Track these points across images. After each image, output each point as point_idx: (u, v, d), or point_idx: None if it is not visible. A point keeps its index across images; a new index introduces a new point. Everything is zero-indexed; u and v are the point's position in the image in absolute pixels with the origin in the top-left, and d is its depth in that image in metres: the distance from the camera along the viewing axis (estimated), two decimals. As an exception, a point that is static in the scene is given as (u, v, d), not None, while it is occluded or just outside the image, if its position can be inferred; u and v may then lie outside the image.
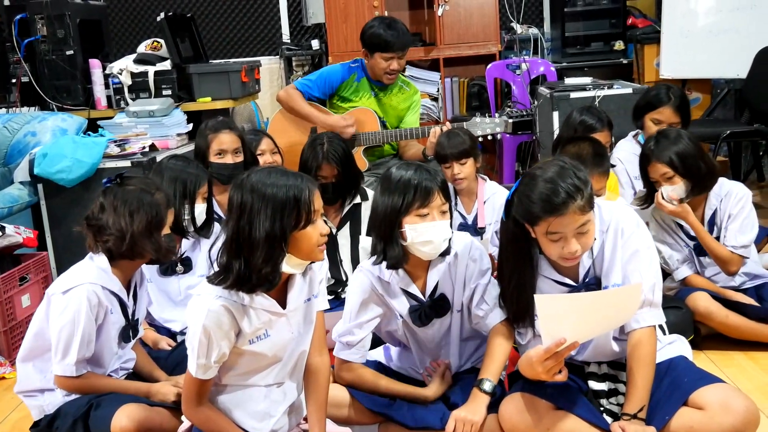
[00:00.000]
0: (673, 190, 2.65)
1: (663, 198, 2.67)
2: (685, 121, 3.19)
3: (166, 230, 2.20)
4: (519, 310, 2.03)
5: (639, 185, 3.17)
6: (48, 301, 2.13)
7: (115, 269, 2.15)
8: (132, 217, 2.10)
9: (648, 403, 1.91)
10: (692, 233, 2.76)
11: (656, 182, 2.69)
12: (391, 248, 2.03)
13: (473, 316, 2.16)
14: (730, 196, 2.73)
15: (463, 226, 3.02)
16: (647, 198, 2.79)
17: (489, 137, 3.58)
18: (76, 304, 2.05)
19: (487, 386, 2.02)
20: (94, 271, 2.11)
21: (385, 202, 2.03)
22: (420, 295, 2.13)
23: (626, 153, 3.25)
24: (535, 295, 1.82)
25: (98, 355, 2.15)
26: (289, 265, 1.80)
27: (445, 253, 2.10)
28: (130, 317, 2.22)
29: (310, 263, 1.89)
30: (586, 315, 1.82)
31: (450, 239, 2.09)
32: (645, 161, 2.71)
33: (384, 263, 2.07)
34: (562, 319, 1.80)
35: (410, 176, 2.01)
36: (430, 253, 2.05)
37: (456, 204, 3.06)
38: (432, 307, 2.13)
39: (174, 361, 2.39)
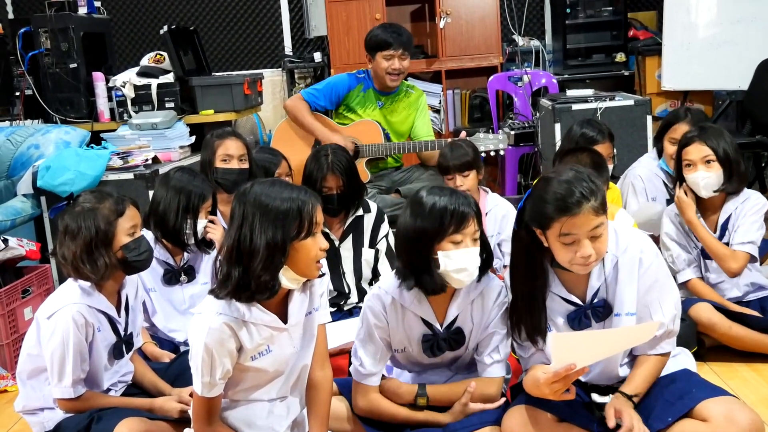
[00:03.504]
0: (708, 176, 2.65)
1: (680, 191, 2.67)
2: None
3: (137, 232, 2.16)
4: (532, 325, 1.98)
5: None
6: (37, 324, 2.13)
7: (99, 287, 2.14)
8: (73, 241, 2.08)
9: (642, 394, 1.95)
10: None
11: (691, 166, 2.68)
12: (427, 277, 1.95)
13: (478, 361, 2.11)
14: (748, 201, 2.74)
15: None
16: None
17: (492, 153, 3.59)
18: (63, 327, 2.04)
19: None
20: (77, 291, 2.10)
21: (418, 227, 1.94)
22: (437, 325, 2.07)
23: (646, 171, 3.22)
24: (549, 333, 1.81)
25: (92, 374, 2.15)
26: (286, 278, 1.79)
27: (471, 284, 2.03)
28: (122, 333, 2.21)
29: (307, 280, 1.88)
30: (599, 347, 1.83)
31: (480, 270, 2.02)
32: (685, 144, 2.71)
33: (404, 287, 2.00)
34: (575, 352, 1.80)
35: (446, 202, 1.93)
36: (463, 281, 1.97)
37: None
38: (446, 340, 2.07)
39: (174, 372, 2.38)
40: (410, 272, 1.98)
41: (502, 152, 3.69)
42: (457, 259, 1.93)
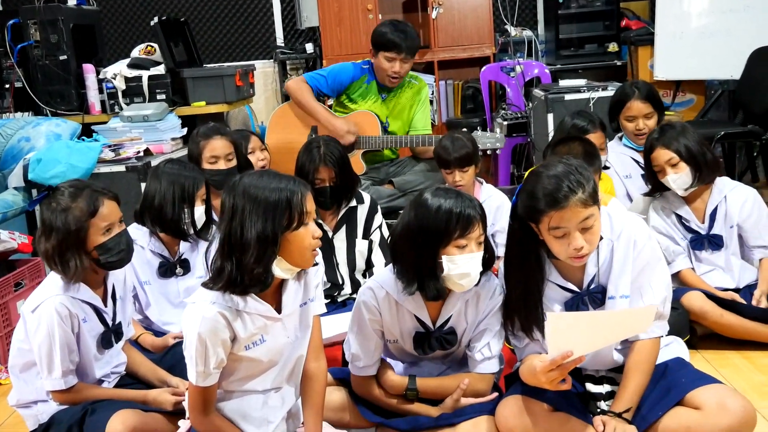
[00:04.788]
0: (678, 177, 2.68)
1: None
2: (657, 108, 3.23)
3: (114, 228, 2.12)
4: (527, 318, 1.98)
5: (629, 183, 3.22)
6: (23, 318, 2.12)
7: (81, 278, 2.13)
8: (47, 239, 2.07)
9: (635, 406, 1.93)
10: (692, 225, 2.79)
11: (660, 171, 2.73)
12: (431, 282, 1.94)
13: (469, 357, 2.10)
14: (737, 195, 2.76)
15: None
16: (652, 192, 2.85)
17: (488, 152, 3.58)
18: (47, 320, 2.04)
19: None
20: (59, 283, 2.10)
21: (423, 231, 1.91)
22: (430, 324, 2.06)
23: (614, 154, 3.28)
24: (546, 312, 1.81)
25: (82, 364, 2.15)
26: (280, 268, 1.79)
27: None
28: (110, 322, 2.20)
29: (302, 270, 1.88)
30: (596, 331, 1.82)
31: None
32: (649, 150, 2.75)
33: (405, 291, 1.98)
34: (572, 335, 1.79)
35: (451, 205, 1.90)
36: (465, 287, 1.96)
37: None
38: (438, 339, 2.07)
39: (168, 363, 2.37)
40: (413, 277, 1.96)
41: (498, 151, 3.68)
42: (461, 264, 1.91)
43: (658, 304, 1.97)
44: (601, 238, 1.96)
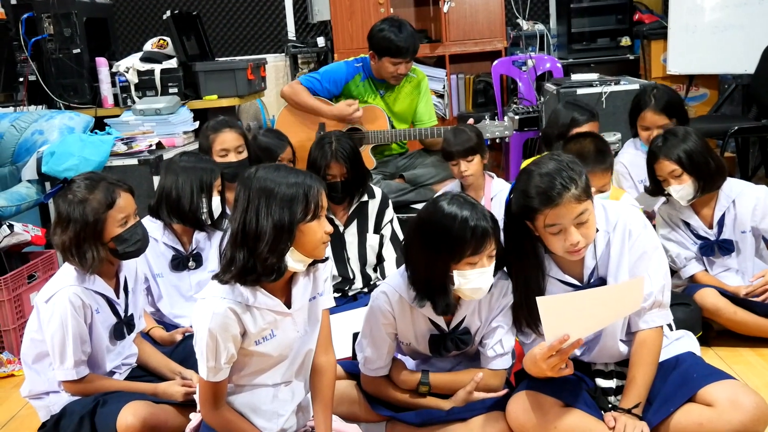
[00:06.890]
0: (681, 188, 2.64)
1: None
2: (676, 117, 3.06)
3: (130, 221, 2.14)
4: (531, 314, 1.97)
5: (642, 189, 3.16)
6: (37, 309, 2.14)
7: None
8: (63, 231, 2.08)
9: (644, 400, 1.93)
10: (699, 232, 2.76)
11: (664, 180, 2.68)
12: (442, 298, 1.95)
13: (482, 354, 2.11)
14: (747, 199, 2.70)
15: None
16: (656, 194, 2.79)
17: (497, 141, 3.57)
18: (60, 310, 2.06)
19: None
20: (72, 274, 2.11)
21: (434, 247, 1.91)
22: (444, 326, 2.07)
23: (630, 156, 3.20)
24: (537, 297, 1.81)
25: (94, 355, 2.16)
26: (292, 259, 1.80)
27: None
28: (122, 314, 2.22)
29: (314, 262, 1.89)
30: (589, 311, 1.82)
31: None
32: (652, 159, 2.70)
33: (416, 302, 1.99)
34: (565, 318, 1.79)
35: (466, 216, 1.88)
36: (476, 297, 1.97)
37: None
38: (454, 340, 2.08)
39: (179, 356, 2.39)
40: (424, 291, 1.97)
41: (507, 139, 3.68)
42: (472, 279, 1.92)
43: (655, 293, 1.96)
44: (597, 231, 1.96)
